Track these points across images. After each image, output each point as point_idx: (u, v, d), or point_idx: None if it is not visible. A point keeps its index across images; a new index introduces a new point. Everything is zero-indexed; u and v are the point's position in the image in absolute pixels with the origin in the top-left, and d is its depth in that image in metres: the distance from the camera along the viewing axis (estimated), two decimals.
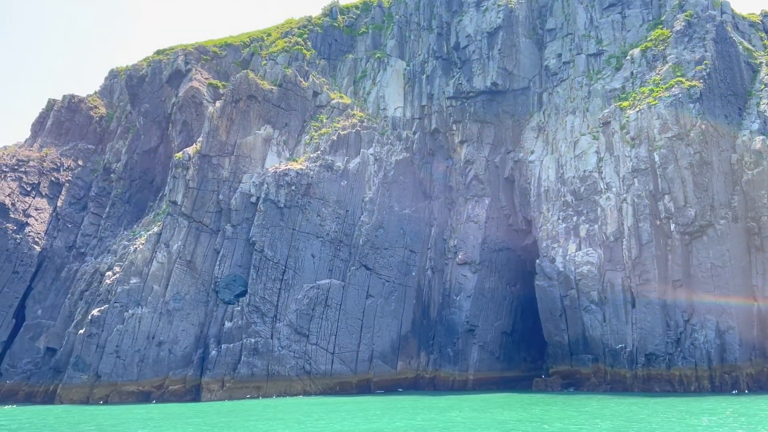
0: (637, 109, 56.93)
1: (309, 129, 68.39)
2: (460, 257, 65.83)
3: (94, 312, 54.44)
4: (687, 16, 60.86)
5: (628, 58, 62.75)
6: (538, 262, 59.93)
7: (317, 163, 64.12)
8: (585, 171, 59.51)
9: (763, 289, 50.45)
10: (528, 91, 69.79)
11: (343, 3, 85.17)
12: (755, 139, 53.92)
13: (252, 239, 58.75)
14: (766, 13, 67.79)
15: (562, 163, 62.08)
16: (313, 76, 72.37)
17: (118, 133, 77.36)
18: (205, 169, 61.53)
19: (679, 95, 54.95)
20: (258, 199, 60.46)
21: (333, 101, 71.28)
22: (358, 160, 66.63)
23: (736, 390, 47.17)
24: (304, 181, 62.33)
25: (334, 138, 66.70)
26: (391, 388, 59.72)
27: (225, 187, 61.62)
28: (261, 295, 57.09)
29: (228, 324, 55.56)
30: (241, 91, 65.95)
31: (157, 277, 56.48)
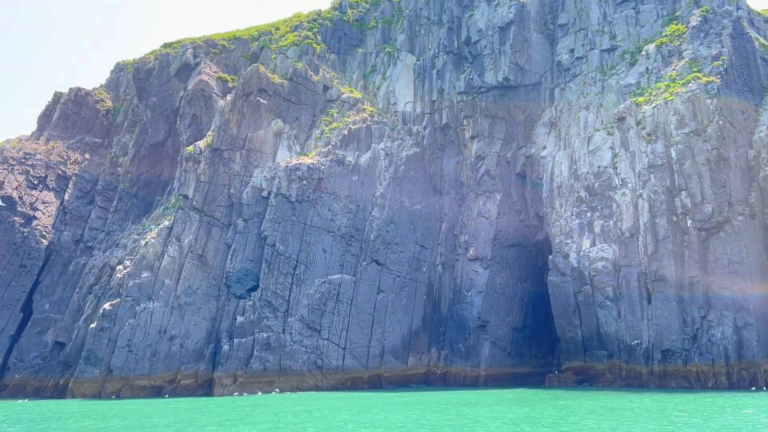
0: (653, 104, 56.55)
1: (319, 123, 67.89)
2: (471, 253, 65.49)
3: (106, 306, 53.87)
4: (703, 12, 60.55)
5: (642, 53, 62.40)
6: (551, 257, 59.61)
7: (328, 158, 63.64)
8: (599, 167, 59.17)
9: None
10: (539, 86, 69.55)
11: None
12: None
13: (263, 233, 58.24)
14: None
15: (575, 159, 61.73)
16: (323, 70, 71.84)
17: (125, 127, 76.72)
18: (217, 163, 60.98)
19: (696, 91, 54.59)
20: (269, 193, 59.95)
21: (343, 95, 70.76)
22: (368, 154, 66.19)
23: (754, 387, 46.87)
24: (315, 175, 61.86)
25: (344, 132, 66.21)
26: (402, 384, 59.40)
27: (236, 181, 61.07)
28: (273, 289, 56.61)
29: (240, 318, 55.08)
30: (251, 85, 65.37)
31: (168, 272, 55.93)
